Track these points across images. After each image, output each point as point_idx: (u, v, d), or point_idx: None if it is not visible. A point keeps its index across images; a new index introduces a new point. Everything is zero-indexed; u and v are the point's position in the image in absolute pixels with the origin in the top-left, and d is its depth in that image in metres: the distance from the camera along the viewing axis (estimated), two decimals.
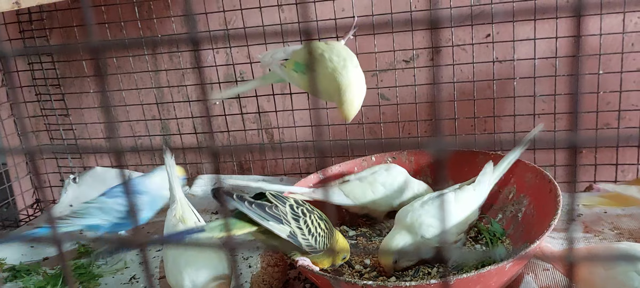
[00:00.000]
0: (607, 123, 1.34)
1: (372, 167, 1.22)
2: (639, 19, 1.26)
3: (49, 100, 1.67)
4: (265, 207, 0.90)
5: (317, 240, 0.92)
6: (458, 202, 1.04)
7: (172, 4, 1.50)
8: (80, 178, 1.65)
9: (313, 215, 0.94)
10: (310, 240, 0.92)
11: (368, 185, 1.18)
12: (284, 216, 0.90)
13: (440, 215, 1.03)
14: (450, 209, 1.03)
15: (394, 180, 1.18)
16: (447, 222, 1.02)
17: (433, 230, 1.00)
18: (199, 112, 1.60)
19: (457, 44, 1.37)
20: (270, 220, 0.89)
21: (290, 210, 0.92)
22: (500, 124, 1.41)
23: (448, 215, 1.02)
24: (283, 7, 1.44)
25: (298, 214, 0.92)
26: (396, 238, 1.01)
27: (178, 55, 1.55)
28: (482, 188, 1.08)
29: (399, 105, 1.44)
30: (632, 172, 1.37)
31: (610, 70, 1.29)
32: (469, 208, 1.05)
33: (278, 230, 0.89)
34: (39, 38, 1.62)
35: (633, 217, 1.20)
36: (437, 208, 1.01)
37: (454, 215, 1.03)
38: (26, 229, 1.47)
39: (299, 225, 0.91)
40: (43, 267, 1.23)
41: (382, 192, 1.17)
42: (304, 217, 0.92)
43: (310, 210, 0.95)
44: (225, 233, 0.88)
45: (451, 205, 1.04)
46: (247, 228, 0.90)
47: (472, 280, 0.84)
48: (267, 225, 0.89)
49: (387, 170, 1.20)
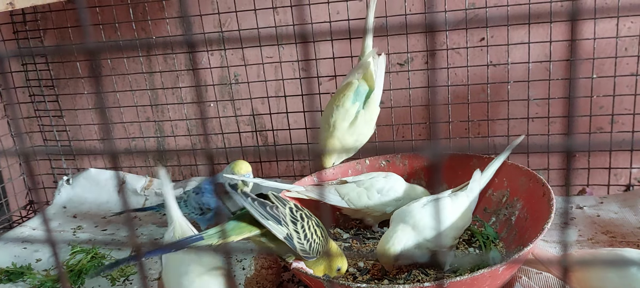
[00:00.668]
0: (600, 127, 1.35)
1: (370, 173, 1.22)
2: (632, 24, 1.27)
3: (42, 101, 1.67)
4: (266, 205, 0.90)
5: (311, 246, 0.93)
6: (455, 207, 1.04)
7: (166, 5, 1.49)
8: (74, 179, 1.65)
9: (311, 221, 0.94)
10: (304, 244, 0.92)
11: (364, 190, 1.17)
12: (283, 218, 0.91)
13: (440, 219, 1.02)
14: (448, 214, 1.03)
15: (391, 189, 1.17)
16: (446, 226, 1.02)
17: (434, 232, 0.99)
18: (193, 114, 1.59)
19: (451, 47, 1.37)
20: (269, 219, 0.89)
21: (289, 212, 0.92)
22: (494, 128, 1.41)
23: (447, 219, 1.02)
24: (278, 10, 1.44)
25: (296, 218, 0.92)
26: (398, 235, 0.99)
27: (172, 57, 1.55)
28: (473, 194, 1.09)
29: (393, 108, 1.44)
30: (625, 176, 1.37)
31: (603, 74, 1.30)
32: (466, 213, 1.05)
33: (276, 231, 0.89)
34: (32, 39, 1.61)
35: (626, 221, 1.21)
36: (436, 211, 1.01)
37: (452, 220, 1.02)
38: (20, 231, 1.46)
39: (296, 228, 0.91)
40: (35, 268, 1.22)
41: (377, 199, 1.16)
42: (302, 222, 0.92)
43: (308, 216, 0.95)
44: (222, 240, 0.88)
45: (449, 209, 1.03)
46: (245, 233, 0.90)
47: (465, 283, 0.84)
48: (266, 223, 0.89)
49: (386, 177, 1.19)
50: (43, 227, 1.47)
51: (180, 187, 1.58)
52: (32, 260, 1.28)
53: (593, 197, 1.34)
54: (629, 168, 1.36)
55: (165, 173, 1.08)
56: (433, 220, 0.99)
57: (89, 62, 1.59)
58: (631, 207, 1.26)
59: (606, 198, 1.33)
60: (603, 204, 1.30)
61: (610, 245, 1.11)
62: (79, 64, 1.61)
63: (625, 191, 1.37)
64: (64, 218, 1.52)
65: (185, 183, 1.59)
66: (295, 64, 1.48)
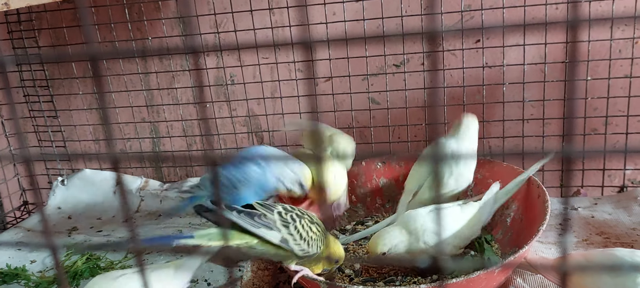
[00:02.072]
0: (594, 128, 1.35)
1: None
2: (626, 26, 1.28)
3: (37, 102, 1.66)
4: (253, 215, 0.89)
5: (309, 244, 0.92)
6: (463, 216, 1.02)
7: (162, 6, 1.49)
8: (69, 180, 1.64)
9: (303, 219, 0.93)
10: (302, 244, 0.91)
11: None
12: (274, 223, 0.90)
13: (446, 226, 1.01)
14: (453, 221, 1.02)
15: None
16: (449, 233, 1.00)
17: (436, 238, 0.98)
18: (189, 115, 1.59)
19: (447, 49, 1.38)
20: (260, 227, 0.89)
21: (278, 217, 0.91)
22: (489, 129, 1.42)
23: (451, 227, 1.01)
24: (274, 11, 1.44)
25: (287, 221, 0.91)
26: (391, 235, 0.99)
27: (168, 58, 1.54)
28: (486, 206, 1.05)
29: (389, 109, 1.44)
30: (619, 177, 1.38)
31: (598, 76, 1.31)
32: (473, 223, 1.03)
33: (269, 236, 0.89)
34: (27, 39, 1.60)
35: (619, 222, 1.21)
36: (443, 218, 1.00)
37: (457, 228, 1.01)
38: (14, 232, 1.45)
39: (289, 231, 0.91)
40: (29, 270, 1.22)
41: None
42: (294, 223, 0.92)
43: (300, 215, 0.94)
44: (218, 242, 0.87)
45: (456, 217, 1.02)
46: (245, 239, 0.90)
47: (461, 285, 0.85)
48: (257, 232, 0.88)
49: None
50: (38, 228, 1.47)
51: (175, 188, 1.58)
52: (26, 261, 1.27)
53: (587, 198, 1.35)
54: (622, 169, 1.37)
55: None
56: (435, 225, 0.98)
57: (84, 63, 1.59)
58: (625, 208, 1.27)
59: (600, 200, 1.34)
60: (597, 205, 1.31)
61: (604, 246, 1.12)
62: (74, 64, 1.60)
63: (619, 192, 1.38)
64: (59, 219, 1.52)
65: (180, 185, 1.59)
66: (291, 65, 1.48)
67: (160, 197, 1.57)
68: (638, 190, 1.33)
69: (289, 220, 0.92)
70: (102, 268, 1.19)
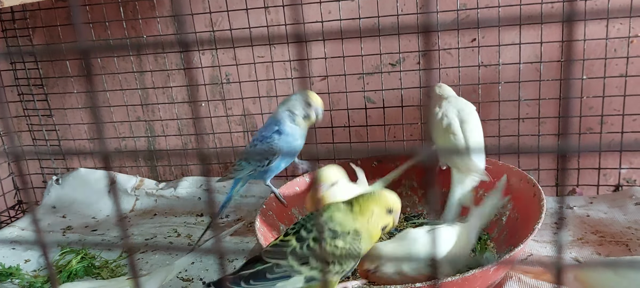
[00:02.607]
0: (589, 127, 1.35)
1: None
2: (622, 25, 1.28)
3: (31, 101, 1.65)
4: (265, 273, 0.80)
5: (342, 262, 0.82)
6: (460, 239, 1.00)
7: (157, 4, 1.49)
8: (63, 179, 1.63)
9: (325, 241, 0.81)
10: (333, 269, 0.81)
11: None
12: (291, 268, 0.80)
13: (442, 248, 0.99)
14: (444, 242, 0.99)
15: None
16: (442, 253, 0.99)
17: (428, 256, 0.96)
18: (184, 114, 1.59)
19: (443, 47, 1.38)
20: (277, 282, 0.80)
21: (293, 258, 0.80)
22: (485, 128, 1.41)
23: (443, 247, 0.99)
24: (269, 9, 1.43)
25: (304, 255, 0.80)
26: (385, 251, 0.97)
27: (163, 57, 1.54)
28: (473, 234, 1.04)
29: (385, 108, 1.44)
30: (614, 176, 1.39)
31: (593, 76, 1.31)
32: (461, 244, 1.01)
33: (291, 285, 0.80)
34: (21, 37, 1.60)
35: (615, 221, 1.21)
36: (441, 241, 0.98)
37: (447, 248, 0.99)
38: (8, 231, 1.44)
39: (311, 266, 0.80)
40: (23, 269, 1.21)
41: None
42: (314, 252, 0.80)
43: (316, 239, 0.81)
44: None
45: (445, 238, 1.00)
46: None
47: (456, 283, 0.84)
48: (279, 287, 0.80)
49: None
50: (32, 227, 1.46)
51: (171, 187, 1.58)
52: (20, 260, 1.27)
53: (583, 197, 1.35)
54: (618, 168, 1.37)
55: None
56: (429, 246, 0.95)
57: (78, 61, 1.58)
58: (620, 207, 1.27)
59: (596, 199, 1.34)
60: (593, 204, 1.31)
61: (599, 245, 1.12)
62: (69, 63, 1.59)
63: (614, 191, 1.38)
64: (53, 218, 1.51)
65: (175, 183, 1.58)
66: (286, 63, 1.47)
67: (156, 196, 1.56)
68: (633, 189, 1.33)
69: (306, 253, 0.80)
70: (97, 268, 1.19)
